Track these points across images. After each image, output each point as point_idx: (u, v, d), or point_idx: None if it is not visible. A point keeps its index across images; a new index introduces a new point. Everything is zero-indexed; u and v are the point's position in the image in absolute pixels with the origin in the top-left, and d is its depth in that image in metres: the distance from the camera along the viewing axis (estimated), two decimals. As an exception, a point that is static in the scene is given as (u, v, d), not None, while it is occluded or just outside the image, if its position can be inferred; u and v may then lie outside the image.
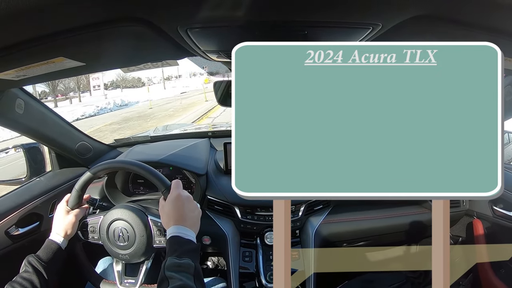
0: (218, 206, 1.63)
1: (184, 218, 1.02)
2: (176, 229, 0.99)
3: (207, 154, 1.85)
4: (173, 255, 0.92)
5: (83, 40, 0.76)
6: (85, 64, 0.94)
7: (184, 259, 0.90)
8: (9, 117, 1.29)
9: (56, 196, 1.57)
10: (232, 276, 1.49)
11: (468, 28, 0.75)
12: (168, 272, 0.86)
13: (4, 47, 0.72)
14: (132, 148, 1.91)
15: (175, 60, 1.17)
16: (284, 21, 0.79)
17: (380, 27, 0.80)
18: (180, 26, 0.78)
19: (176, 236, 0.97)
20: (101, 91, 45.53)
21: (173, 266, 0.88)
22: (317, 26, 0.82)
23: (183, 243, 0.96)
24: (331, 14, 0.76)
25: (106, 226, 1.18)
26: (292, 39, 0.66)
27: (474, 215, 1.73)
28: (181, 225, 1.00)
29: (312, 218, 1.64)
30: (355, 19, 0.78)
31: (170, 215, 1.02)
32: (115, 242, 1.17)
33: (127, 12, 0.67)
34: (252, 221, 1.60)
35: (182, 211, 1.03)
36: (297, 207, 1.60)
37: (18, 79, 0.99)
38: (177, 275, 0.85)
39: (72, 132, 1.73)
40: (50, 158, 1.76)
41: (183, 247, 0.94)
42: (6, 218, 1.37)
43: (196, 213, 1.07)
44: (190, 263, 0.90)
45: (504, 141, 1.26)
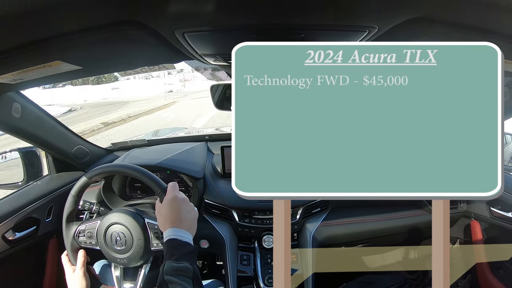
0: (215, 210, 1.63)
1: (180, 220, 1.01)
2: (173, 231, 0.98)
3: (204, 157, 1.84)
4: (171, 258, 0.91)
5: (80, 44, 0.76)
6: (82, 67, 0.95)
7: (182, 262, 0.90)
8: (6, 121, 1.29)
9: (53, 200, 1.56)
10: (230, 279, 1.49)
11: (464, 29, 0.75)
12: (167, 276, 0.86)
13: (1, 50, 0.72)
14: (129, 152, 1.90)
15: (171, 64, 1.17)
16: (281, 24, 0.79)
17: (376, 29, 0.80)
18: (177, 30, 0.78)
19: (173, 239, 0.97)
20: (50, 90, 35.52)
21: (171, 270, 0.87)
22: (314, 29, 0.82)
23: (180, 246, 0.95)
24: (327, 17, 0.76)
25: (103, 231, 1.17)
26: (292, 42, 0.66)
27: (472, 217, 1.73)
28: (177, 228, 0.99)
29: (310, 221, 1.63)
30: (351, 22, 0.79)
31: (166, 217, 1.02)
32: (113, 247, 1.16)
33: (124, 16, 0.67)
34: (250, 224, 1.59)
35: (179, 213, 1.02)
36: (294, 210, 1.60)
37: (15, 83, 0.99)
38: (176, 279, 0.85)
39: (69, 136, 1.72)
40: (47, 162, 1.75)
41: (181, 250, 0.94)
42: (3, 222, 1.37)
43: (193, 215, 1.06)
44: (189, 267, 0.90)
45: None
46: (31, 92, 8.93)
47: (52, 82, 1.15)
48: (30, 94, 1.47)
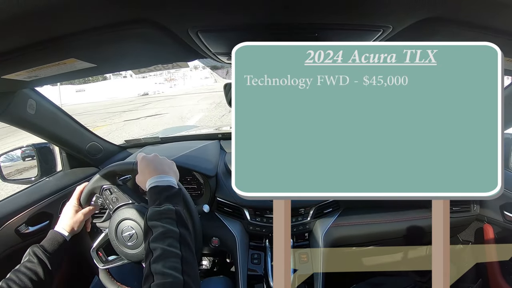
0: (227, 208, 1.63)
1: (157, 168, 1.01)
2: (153, 179, 0.98)
3: (217, 156, 1.84)
4: (153, 204, 0.91)
5: (95, 41, 0.77)
6: (96, 65, 0.95)
7: (164, 205, 0.90)
8: (21, 117, 1.31)
9: (66, 196, 1.58)
10: (241, 278, 1.49)
11: (479, 30, 0.74)
12: (150, 221, 0.86)
13: (16, 48, 0.72)
14: (142, 149, 1.91)
15: (185, 62, 1.17)
16: (296, 23, 0.78)
17: (390, 29, 0.80)
18: (190, 28, 0.78)
19: (154, 186, 0.96)
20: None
21: (154, 215, 0.87)
22: (328, 28, 0.82)
23: (161, 190, 0.95)
24: (342, 16, 0.75)
25: (115, 226, 1.18)
26: (303, 41, 0.66)
27: (485, 220, 1.70)
28: (157, 175, 0.99)
29: (321, 221, 1.63)
30: (366, 22, 0.78)
31: (144, 174, 1.02)
32: (124, 242, 1.17)
33: (139, 14, 0.67)
34: (261, 223, 1.59)
35: (153, 163, 1.02)
36: (306, 210, 1.60)
37: (30, 80, 1.00)
38: (159, 222, 0.85)
39: (83, 132, 1.74)
40: (61, 158, 1.77)
41: (162, 194, 0.94)
42: (17, 216, 1.39)
43: (168, 163, 1.07)
44: (171, 208, 0.90)
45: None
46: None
47: (66, 80, 1.16)
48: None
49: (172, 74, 43.02)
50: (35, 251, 1.04)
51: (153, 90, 32.71)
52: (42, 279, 0.99)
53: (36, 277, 0.98)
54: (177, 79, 42.97)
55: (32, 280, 0.96)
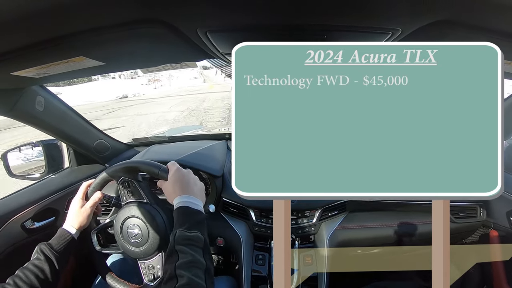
0: (233, 208, 1.63)
1: (189, 188, 1.00)
2: (183, 198, 0.97)
3: (223, 156, 1.84)
4: (182, 227, 0.91)
5: (104, 40, 0.77)
6: (104, 64, 0.95)
7: (193, 232, 0.89)
8: (30, 114, 1.32)
9: (72, 192, 1.58)
10: (245, 278, 1.49)
11: (489, 33, 0.73)
12: (178, 246, 0.86)
13: (26, 45, 0.73)
14: (150, 148, 1.91)
15: (193, 62, 1.17)
16: (305, 24, 0.78)
17: (399, 32, 0.79)
18: (199, 28, 0.78)
19: (185, 206, 0.96)
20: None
21: (183, 240, 0.87)
22: (337, 30, 0.81)
23: (192, 213, 0.95)
24: (351, 18, 0.75)
25: (120, 225, 1.18)
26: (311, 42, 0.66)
27: (491, 226, 1.68)
28: (187, 195, 0.98)
29: (327, 224, 1.62)
30: (375, 24, 0.78)
31: (174, 186, 1.00)
32: (129, 240, 1.17)
33: (148, 14, 0.67)
34: (267, 224, 1.59)
35: (187, 181, 1.01)
36: (312, 212, 1.59)
37: (39, 77, 1.01)
38: (187, 248, 0.85)
39: (91, 130, 1.75)
40: (68, 155, 1.78)
41: (192, 219, 0.93)
42: (23, 212, 1.40)
43: (200, 186, 1.06)
44: (200, 236, 0.89)
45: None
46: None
47: (75, 77, 1.16)
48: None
49: (156, 75, 40.68)
50: (42, 249, 1.04)
51: (133, 93, 30.10)
52: (48, 277, 0.99)
53: (43, 274, 0.98)
54: (162, 80, 41.30)
55: (38, 277, 0.97)
